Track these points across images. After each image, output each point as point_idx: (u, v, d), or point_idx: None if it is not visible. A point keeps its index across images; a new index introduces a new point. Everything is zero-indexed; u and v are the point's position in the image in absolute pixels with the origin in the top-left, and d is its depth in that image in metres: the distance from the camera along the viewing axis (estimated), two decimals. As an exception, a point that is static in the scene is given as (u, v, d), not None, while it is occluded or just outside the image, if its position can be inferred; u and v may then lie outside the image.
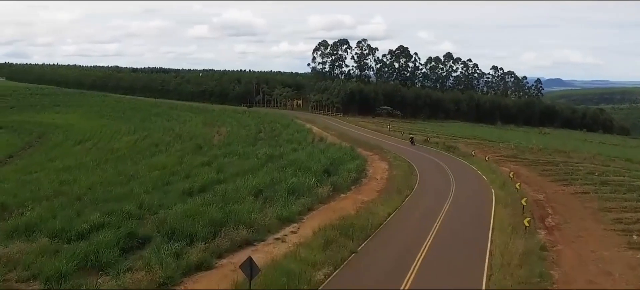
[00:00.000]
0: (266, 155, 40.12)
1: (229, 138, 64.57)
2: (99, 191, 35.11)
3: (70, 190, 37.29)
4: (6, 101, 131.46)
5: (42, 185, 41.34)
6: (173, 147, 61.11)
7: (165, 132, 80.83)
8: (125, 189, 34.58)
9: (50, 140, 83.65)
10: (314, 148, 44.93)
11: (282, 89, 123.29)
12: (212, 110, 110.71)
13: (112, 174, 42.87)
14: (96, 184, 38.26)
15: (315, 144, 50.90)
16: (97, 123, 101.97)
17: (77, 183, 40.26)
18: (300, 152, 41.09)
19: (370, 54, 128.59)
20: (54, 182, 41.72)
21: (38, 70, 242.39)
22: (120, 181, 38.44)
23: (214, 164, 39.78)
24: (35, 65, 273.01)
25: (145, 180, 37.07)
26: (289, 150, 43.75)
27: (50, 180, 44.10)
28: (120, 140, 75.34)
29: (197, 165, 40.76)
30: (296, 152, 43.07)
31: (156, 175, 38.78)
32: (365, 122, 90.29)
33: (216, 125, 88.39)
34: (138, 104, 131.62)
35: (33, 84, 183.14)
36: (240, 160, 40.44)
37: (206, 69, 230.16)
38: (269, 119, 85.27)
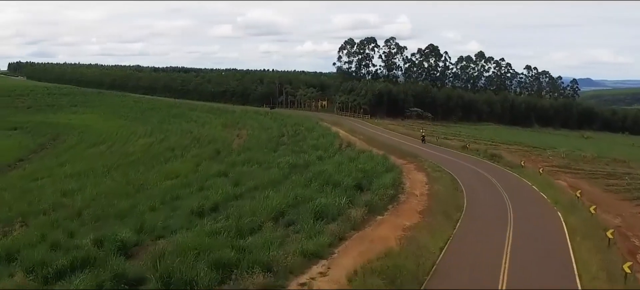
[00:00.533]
0: (289, 165, 36.41)
1: (250, 142, 61.17)
2: (102, 204, 32.03)
3: (72, 203, 34.23)
4: (23, 101, 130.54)
5: (43, 196, 38.42)
6: (189, 152, 58.01)
7: (183, 134, 78.00)
8: (130, 202, 31.39)
9: (64, 143, 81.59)
10: (342, 156, 41.00)
11: (306, 90, 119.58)
12: (233, 112, 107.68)
13: (121, 183, 39.77)
14: (101, 195, 35.21)
15: (343, 151, 47.00)
16: (114, 124, 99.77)
17: (81, 193, 37.26)
18: (327, 162, 37.21)
19: (399, 53, 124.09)
20: (56, 192, 38.85)
21: (58, 69, 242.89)
22: (127, 192, 35.29)
23: (231, 174, 36.26)
24: (55, 65, 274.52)
25: (154, 192, 33.82)
26: (314, 158, 39.92)
27: (54, 189, 41.23)
28: (135, 143, 72.68)
29: (213, 175, 37.31)
30: (322, 161, 39.25)
31: (167, 186, 35.47)
32: (395, 124, 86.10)
33: (237, 127, 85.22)
34: (157, 104, 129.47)
35: (52, 84, 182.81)
36: (261, 170, 36.85)
37: (229, 69, 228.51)
38: (292, 121, 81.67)
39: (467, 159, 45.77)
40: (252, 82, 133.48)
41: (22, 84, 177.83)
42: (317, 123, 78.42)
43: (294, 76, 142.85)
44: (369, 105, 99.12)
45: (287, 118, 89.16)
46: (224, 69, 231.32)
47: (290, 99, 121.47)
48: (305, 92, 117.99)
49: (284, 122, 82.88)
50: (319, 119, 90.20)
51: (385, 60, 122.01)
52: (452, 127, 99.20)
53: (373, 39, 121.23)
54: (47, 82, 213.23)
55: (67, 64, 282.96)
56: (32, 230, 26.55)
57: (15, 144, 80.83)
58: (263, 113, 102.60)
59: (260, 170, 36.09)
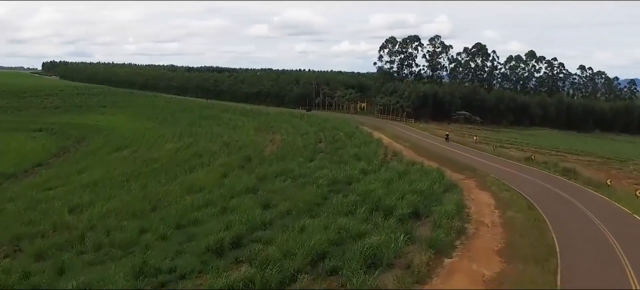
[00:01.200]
0: (328, 181, 31.71)
1: (284, 149, 56.73)
2: (110, 226, 28.15)
3: (77, 222, 30.49)
4: (51, 101, 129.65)
5: (49, 211, 34.81)
6: (217, 160, 53.94)
7: (213, 138, 74.29)
8: (142, 224, 27.34)
9: (87, 146, 78.90)
10: (390, 170, 36.00)
11: (344, 91, 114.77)
12: (267, 114, 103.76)
13: (136, 197, 35.82)
14: (112, 212, 31.31)
15: (390, 163, 41.99)
16: (142, 126, 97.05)
17: (90, 209, 33.52)
18: (373, 178, 32.28)
19: (444, 52, 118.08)
20: (65, 207, 35.22)
21: (91, 69, 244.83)
22: (142, 210, 31.32)
23: (261, 191, 31.75)
24: (88, 64, 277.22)
25: (171, 211, 29.65)
26: (357, 172, 35.04)
27: (64, 202, 37.62)
28: (161, 148, 69.16)
29: (239, 191, 32.87)
30: (367, 175, 34.41)
31: (186, 204, 31.21)
32: (442, 129, 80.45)
33: (270, 131, 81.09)
34: (188, 105, 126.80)
35: (83, 84, 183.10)
36: (295, 186, 32.29)
37: (264, 69, 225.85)
38: (330, 125, 77.09)
39: (536, 174, 40.06)
40: (287, 82, 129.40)
41: (53, 83, 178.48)
42: (357, 128, 73.62)
43: (332, 76, 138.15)
44: (412, 108, 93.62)
45: (324, 121, 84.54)
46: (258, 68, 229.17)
47: (328, 100, 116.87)
48: (343, 93, 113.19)
49: (321, 126, 78.32)
50: (358, 122, 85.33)
51: (429, 59, 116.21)
52: (503, 132, 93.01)
53: (416, 37, 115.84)
54: (79, 81, 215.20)
55: (101, 63, 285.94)
56: (17, 264, 22.73)
57: (37, 147, 78.52)
58: (299, 116, 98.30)
59: (294, 187, 31.48)
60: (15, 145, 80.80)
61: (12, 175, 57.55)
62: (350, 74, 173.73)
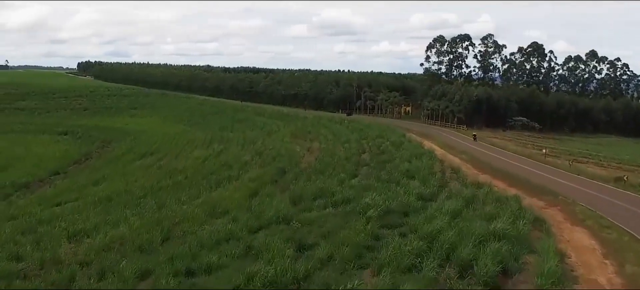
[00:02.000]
0: (378, 210, 25.95)
1: (322, 160, 51.14)
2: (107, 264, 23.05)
3: (72, 256, 25.53)
4: (80, 102, 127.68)
5: (44, 238, 30.06)
6: (248, 172, 48.84)
7: (245, 146, 69.52)
8: (145, 264, 22.17)
9: (111, 152, 75.25)
10: (453, 195, 29.96)
11: (387, 94, 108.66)
12: (304, 118, 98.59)
13: (149, 222, 30.70)
14: (115, 242, 26.25)
15: (450, 183, 35.98)
16: (172, 130, 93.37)
17: (93, 236, 28.65)
18: (435, 209, 26.30)
19: (497, 52, 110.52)
20: (65, 231, 30.50)
21: (125, 69, 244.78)
22: (150, 242, 26.07)
23: (294, 222, 26.18)
24: (123, 64, 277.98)
25: (183, 249, 24.38)
26: (413, 197, 29.09)
27: (69, 223, 32.97)
28: (188, 156, 64.63)
29: (269, 219, 27.33)
30: (426, 202, 28.58)
31: (204, 237, 25.94)
32: (498, 137, 73.83)
33: (307, 138, 75.81)
34: (222, 107, 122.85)
35: (115, 84, 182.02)
36: (337, 216, 26.66)
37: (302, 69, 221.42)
38: (374, 133, 71.34)
39: (637, 202, 33.24)
40: (326, 84, 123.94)
41: (85, 84, 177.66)
42: (405, 136, 67.66)
43: (373, 78, 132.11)
44: (464, 113, 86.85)
45: (367, 128, 78.79)
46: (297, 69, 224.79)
47: (370, 104, 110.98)
48: (386, 96, 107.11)
49: (364, 133, 72.60)
50: (404, 129, 79.31)
51: (480, 60, 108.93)
52: (566, 140, 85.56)
53: (467, 36, 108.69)
54: (113, 82, 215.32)
55: (136, 63, 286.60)
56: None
57: (59, 152, 75.33)
58: (339, 120, 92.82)
59: (336, 217, 25.83)
60: (37, 150, 77.99)
61: (25, 185, 53.94)
62: (392, 75, 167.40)
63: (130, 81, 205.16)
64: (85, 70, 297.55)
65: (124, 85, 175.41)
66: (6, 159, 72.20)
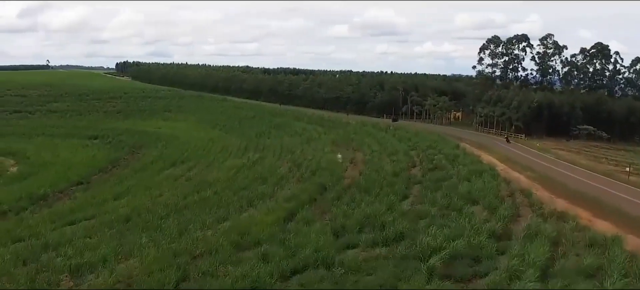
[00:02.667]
0: (443, 256, 20.93)
1: (367, 175, 46.29)
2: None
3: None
4: (114, 105, 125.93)
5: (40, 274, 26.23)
6: (283, 188, 44.49)
7: (282, 155, 65.36)
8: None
9: (140, 159, 72.13)
10: (531, 231, 24.68)
11: (436, 98, 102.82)
12: (346, 124, 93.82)
13: (164, 256, 26.52)
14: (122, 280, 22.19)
15: (522, 210, 30.71)
16: (206, 135, 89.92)
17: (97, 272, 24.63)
18: (516, 255, 21.07)
19: (557, 54, 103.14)
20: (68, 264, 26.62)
21: (163, 69, 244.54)
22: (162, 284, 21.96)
23: (337, 268, 21.41)
24: (161, 65, 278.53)
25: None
26: (484, 236, 23.92)
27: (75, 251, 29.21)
28: (221, 166, 60.67)
29: (306, 258, 22.66)
30: (501, 243, 23.52)
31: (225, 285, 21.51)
32: (564, 149, 67.57)
33: (350, 146, 71.11)
34: (259, 111, 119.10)
35: (152, 85, 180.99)
36: (387, 258, 21.88)
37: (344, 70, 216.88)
38: (424, 142, 66.14)
39: None
40: (370, 87, 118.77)
41: (120, 85, 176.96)
42: (458, 147, 62.26)
43: (420, 81, 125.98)
44: (522, 120, 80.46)
45: (415, 136, 73.59)
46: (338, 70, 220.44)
47: (417, 109, 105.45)
48: (435, 101, 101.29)
49: (413, 142, 67.44)
50: (456, 138, 73.75)
51: (539, 63, 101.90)
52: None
53: (524, 36, 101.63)
54: (150, 83, 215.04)
55: (175, 64, 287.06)
56: None
57: (86, 159, 72.68)
58: (384, 127, 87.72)
59: (389, 265, 20.98)
60: (64, 156, 75.70)
61: (42, 197, 50.88)
62: (440, 77, 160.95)
63: (167, 82, 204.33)
64: (124, 70, 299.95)
65: (160, 87, 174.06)
66: (31, 166, 69.99)
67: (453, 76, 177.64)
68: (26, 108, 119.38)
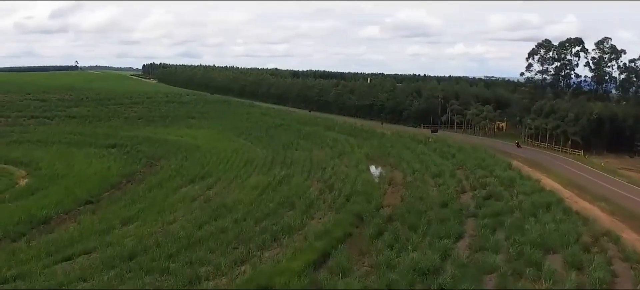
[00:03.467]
0: None
1: (411, 203, 40.65)
2: None
3: None
4: (136, 110, 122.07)
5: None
6: (314, 217, 39.18)
7: (312, 171, 60.18)
8: None
9: (157, 173, 67.53)
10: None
11: (479, 108, 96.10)
12: (381, 134, 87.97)
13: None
14: None
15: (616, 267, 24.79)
16: (230, 145, 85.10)
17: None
18: None
19: (614, 59, 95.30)
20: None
21: (189, 72, 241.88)
22: None
23: None
24: (188, 67, 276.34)
25: None
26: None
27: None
28: (244, 184, 55.54)
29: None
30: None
31: None
32: (632, 169, 60.76)
33: (387, 162, 65.47)
34: (287, 118, 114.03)
35: (177, 88, 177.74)
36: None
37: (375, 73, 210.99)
38: (471, 159, 60.23)
39: None
40: (406, 94, 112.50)
41: (143, 89, 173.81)
42: (511, 165, 56.04)
43: (460, 88, 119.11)
44: (580, 134, 73.37)
45: (459, 151, 67.56)
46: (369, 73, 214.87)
47: (457, 118, 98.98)
48: (478, 110, 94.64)
49: (458, 159, 61.34)
50: (505, 154, 67.53)
51: (594, 69, 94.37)
52: None
53: (578, 40, 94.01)
54: (175, 85, 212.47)
55: (202, 66, 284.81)
56: None
57: (100, 172, 68.38)
58: (423, 139, 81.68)
59: None
60: (78, 167, 71.66)
61: (44, 220, 46.33)
62: (481, 83, 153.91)
63: (193, 85, 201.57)
64: (150, 72, 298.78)
65: (185, 90, 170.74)
66: (42, 178, 65.98)
67: (487, 78, 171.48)
68: (45, 113, 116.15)
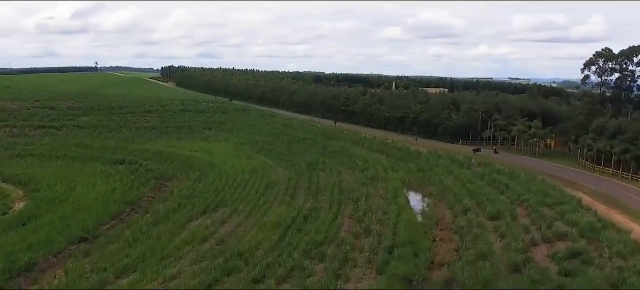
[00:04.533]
0: None
1: (471, 261, 32.95)
2: None
3: None
4: (149, 120, 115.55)
5: None
6: (349, 276, 31.79)
7: (342, 203, 52.92)
8: None
9: (166, 200, 60.03)
10: None
11: (526, 124, 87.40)
12: (416, 153, 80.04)
13: None
14: None
15: None
16: (249, 163, 77.95)
17: None
18: None
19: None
20: None
21: (207, 75, 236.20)
22: None
23: None
24: (206, 70, 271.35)
25: None
26: None
27: None
28: (263, 219, 48.22)
29: None
30: None
31: None
32: None
33: (427, 191, 57.81)
34: (311, 131, 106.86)
35: (194, 93, 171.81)
36: None
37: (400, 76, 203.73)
38: (528, 190, 52.44)
39: None
40: (441, 106, 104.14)
41: (159, 94, 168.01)
42: (581, 203, 47.98)
43: (503, 99, 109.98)
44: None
45: (510, 178, 59.76)
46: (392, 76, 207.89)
47: (501, 135, 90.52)
48: (524, 127, 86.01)
49: (514, 192, 53.24)
50: (567, 183, 59.54)
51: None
52: None
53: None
54: (194, 89, 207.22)
55: (221, 68, 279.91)
56: None
57: (103, 195, 61.27)
58: (464, 159, 73.61)
59: None
60: (79, 189, 64.64)
61: (27, 266, 39.29)
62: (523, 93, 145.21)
63: (211, 89, 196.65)
64: (169, 75, 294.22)
65: (203, 95, 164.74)
66: (38, 203, 59.01)
67: (511, 80, 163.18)
68: (53, 122, 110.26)
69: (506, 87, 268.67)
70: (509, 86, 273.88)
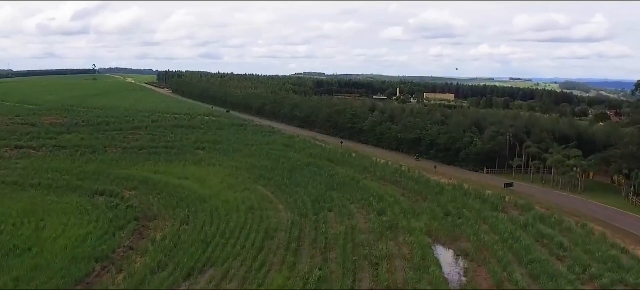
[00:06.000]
0: None
1: None
2: None
3: None
4: (137, 138, 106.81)
5: None
6: None
7: (358, 266, 43.96)
8: None
9: (145, 253, 50.78)
10: None
11: (562, 152, 77.59)
12: (439, 190, 70.42)
13: None
14: None
15: None
16: (245, 197, 69.03)
17: None
18: None
19: None
20: None
21: (204, 83, 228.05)
22: None
23: None
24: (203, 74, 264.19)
25: None
26: None
27: None
28: None
29: None
30: None
31: None
32: None
33: (461, 249, 48.64)
34: (315, 153, 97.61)
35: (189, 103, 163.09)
36: None
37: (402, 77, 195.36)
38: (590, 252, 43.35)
39: None
40: (462, 128, 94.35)
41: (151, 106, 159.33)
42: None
43: (532, 121, 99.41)
44: None
45: (558, 228, 50.74)
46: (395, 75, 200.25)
47: (534, 164, 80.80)
48: (561, 156, 76.30)
49: (572, 254, 44.11)
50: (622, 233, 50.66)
51: None
52: None
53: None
54: (190, 97, 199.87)
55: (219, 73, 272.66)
56: None
57: (72, 243, 52.51)
58: (497, 201, 64.29)
59: None
60: (46, 234, 56.03)
61: None
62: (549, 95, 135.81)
63: (208, 98, 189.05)
64: (165, 80, 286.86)
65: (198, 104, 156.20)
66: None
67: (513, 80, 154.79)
68: (32, 141, 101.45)
69: (514, 92, 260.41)
70: (517, 91, 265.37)
